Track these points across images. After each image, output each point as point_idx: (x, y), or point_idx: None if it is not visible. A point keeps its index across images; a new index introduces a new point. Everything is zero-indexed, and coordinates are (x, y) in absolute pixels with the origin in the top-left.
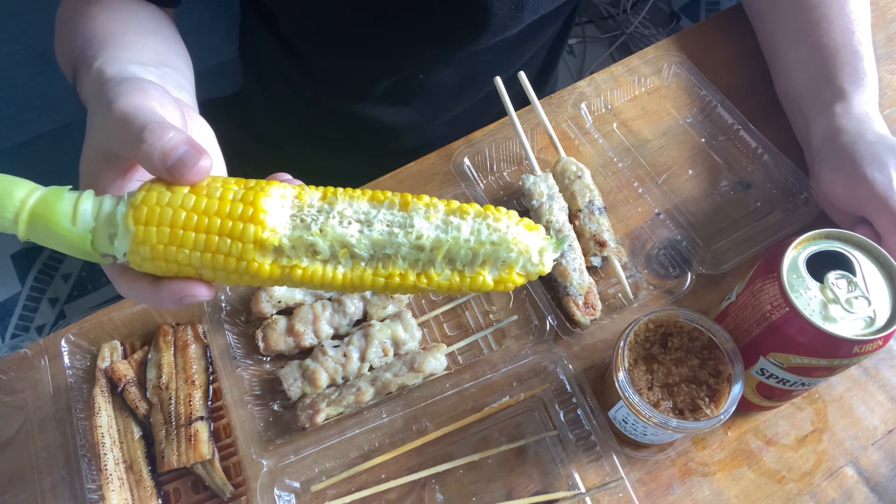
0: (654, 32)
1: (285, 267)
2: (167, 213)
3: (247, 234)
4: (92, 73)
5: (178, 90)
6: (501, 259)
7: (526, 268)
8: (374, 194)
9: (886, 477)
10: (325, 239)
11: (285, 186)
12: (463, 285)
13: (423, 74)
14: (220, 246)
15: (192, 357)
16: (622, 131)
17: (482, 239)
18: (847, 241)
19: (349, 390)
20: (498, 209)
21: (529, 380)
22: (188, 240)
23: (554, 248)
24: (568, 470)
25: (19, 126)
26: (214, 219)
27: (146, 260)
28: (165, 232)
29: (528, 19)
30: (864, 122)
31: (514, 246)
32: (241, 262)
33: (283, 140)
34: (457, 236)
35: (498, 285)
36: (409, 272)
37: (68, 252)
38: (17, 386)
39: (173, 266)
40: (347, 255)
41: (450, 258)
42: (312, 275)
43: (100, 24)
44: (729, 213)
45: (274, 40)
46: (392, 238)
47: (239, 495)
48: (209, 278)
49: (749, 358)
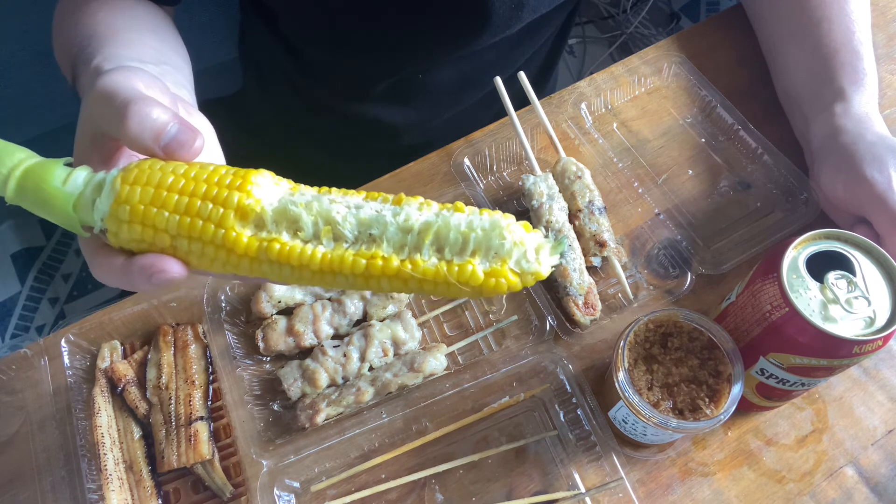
0: (654, 32)
1: (264, 240)
2: (155, 175)
3: (230, 201)
4: (90, 70)
5: (176, 87)
6: (494, 248)
7: (521, 264)
8: (370, 194)
9: (886, 477)
10: (310, 212)
11: (280, 178)
12: (451, 274)
13: (423, 74)
14: (200, 210)
15: (192, 357)
16: (622, 131)
17: (473, 225)
18: (847, 241)
19: (349, 390)
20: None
21: (529, 380)
22: (170, 201)
23: (552, 249)
24: (568, 470)
25: (19, 126)
26: (201, 184)
27: (123, 223)
28: (149, 192)
29: (528, 19)
30: (864, 122)
31: (507, 234)
32: (218, 229)
33: (283, 140)
34: (447, 219)
35: (489, 279)
36: (392, 257)
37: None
38: (17, 386)
39: (149, 232)
40: (330, 234)
41: (438, 246)
42: (290, 251)
43: (99, 22)
44: (729, 213)
45: (274, 40)
46: (379, 217)
47: (239, 495)
48: (184, 253)
49: (749, 358)
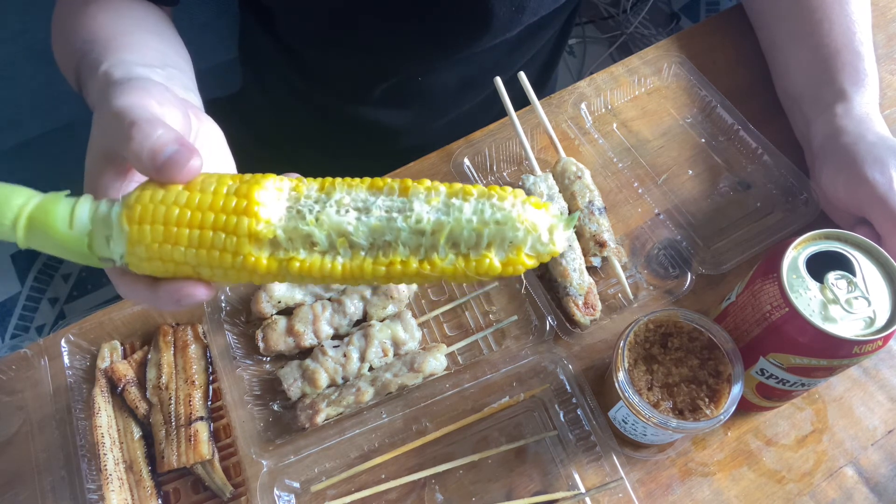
0: (654, 33)
1: (282, 260)
2: (160, 211)
3: (241, 228)
4: (98, 77)
5: (184, 91)
6: (508, 239)
7: (535, 248)
8: (374, 182)
9: (886, 477)
10: (322, 228)
11: (281, 179)
12: (469, 269)
13: (423, 76)
14: (214, 241)
15: (191, 357)
16: (622, 131)
17: (486, 218)
18: (847, 242)
19: (349, 390)
20: (503, 188)
21: (529, 380)
22: (182, 237)
23: (565, 226)
24: (568, 470)
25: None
26: (208, 214)
27: (143, 260)
28: (159, 230)
29: (529, 21)
30: (864, 122)
31: (520, 224)
32: (236, 256)
33: (283, 140)
34: (458, 217)
35: (507, 268)
36: (411, 259)
37: (67, 257)
38: (17, 386)
39: (171, 265)
40: (346, 244)
41: (453, 242)
42: (311, 266)
43: (100, 26)
44: (729, 213)
45: (273, 41)
46: (391, 224)
47: (239, 495)
48: (208, 277)
49: (749, 358)
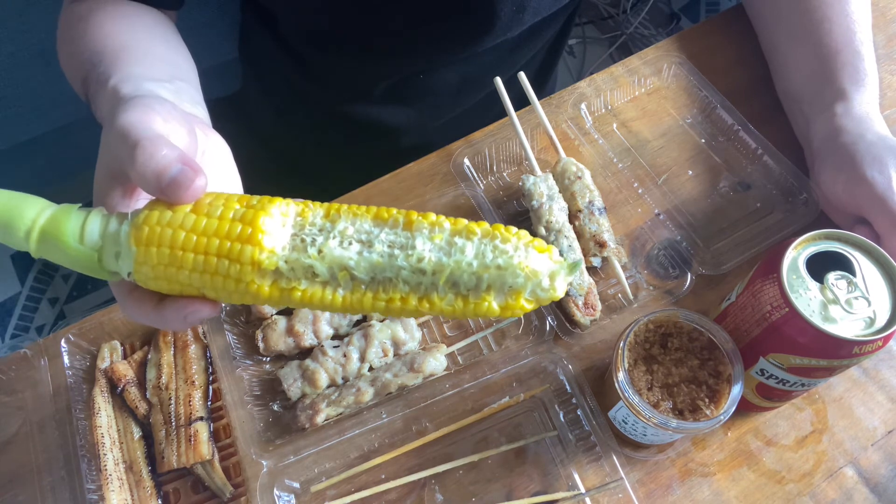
0: (654, 33)
1: (284, 289)
2: (167, 234)
3: (244, 256)
4: (107, 92)
5: (192, 105)
6: (508, 284)
7: (535, 293)
8: (379, 212)
9: (886, 477)
10: (323, 262)
11: (288, 203)
12: (467, 311)
13: (424, 75)
14: (218, 267)
15: (191, 357)
16: (622, 132)
17: (486, 263)
18: (847, 242)
19: (349, 391)
20: (507, 229)
21: (529, 380)
22: (188, 261)
23: (567, 273)
24: (568, 470)
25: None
26: (213, 239)
27: (150, 279)
28: (165, 253)
29: (530, 21)
30: (864, 122)
31: (520, 271)
32: (239, 283)
33: (283, 140)
34: (459, 260)
35: (505, 311)
36: (410, 296)
37: (78, 269)
38: (17, 386)
39: (176, 286)
40: (347, 277)
41: (453, 282)
42: (312, 296)
43: (107, 35)
44: (729, 213)
45: (273, 41)
46: (392, 261)
47: (239, 495)
48: (212, 297)
49: (749, 358)
